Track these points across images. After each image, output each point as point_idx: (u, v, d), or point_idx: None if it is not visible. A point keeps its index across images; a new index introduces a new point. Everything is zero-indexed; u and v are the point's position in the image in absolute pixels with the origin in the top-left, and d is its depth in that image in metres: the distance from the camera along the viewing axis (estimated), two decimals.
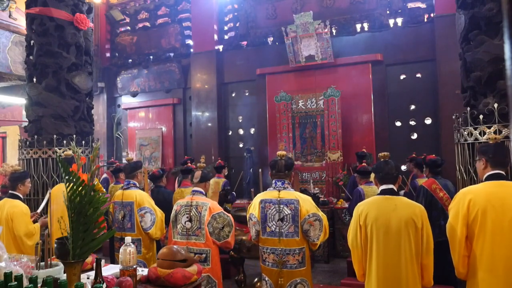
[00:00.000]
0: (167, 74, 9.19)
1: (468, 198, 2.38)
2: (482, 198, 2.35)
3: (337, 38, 7.46)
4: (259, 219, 2.95)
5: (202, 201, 3.29)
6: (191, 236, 3.22)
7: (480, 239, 2.32)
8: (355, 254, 2.56)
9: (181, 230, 3.25)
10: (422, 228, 2.38)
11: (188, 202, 3.29)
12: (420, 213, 2.41)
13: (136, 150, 9.55)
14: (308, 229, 2.85)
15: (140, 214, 3.67)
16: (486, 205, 2.31)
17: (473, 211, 2.33)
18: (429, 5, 7.10)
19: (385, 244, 2.40)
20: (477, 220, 2.32)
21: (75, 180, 1.74)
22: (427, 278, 2.43)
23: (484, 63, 3.68)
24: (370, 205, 2.53)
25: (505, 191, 2.36)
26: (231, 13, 8.91)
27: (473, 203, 2.34)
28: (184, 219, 3.25)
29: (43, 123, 5.02)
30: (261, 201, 2.98)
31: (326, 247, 5.80)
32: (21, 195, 3.71)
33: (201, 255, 3.17)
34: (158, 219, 3.73)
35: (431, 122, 7.04)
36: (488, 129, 3.62)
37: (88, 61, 5.44)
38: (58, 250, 1.77)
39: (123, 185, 3.92)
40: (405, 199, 2.52)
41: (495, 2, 3.60)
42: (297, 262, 2.86)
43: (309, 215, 2.85)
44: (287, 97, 7.41)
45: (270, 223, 2.91)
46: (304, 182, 7.07)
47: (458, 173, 4.01)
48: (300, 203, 2.88)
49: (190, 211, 3.25)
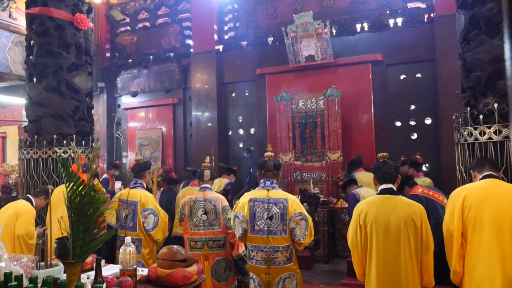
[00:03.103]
0: (167, 74, 9.19)
1: (463, 194, 2.49)
2: (476, 194, 2.44)
3: (337, 38, 7.45)
4: (247, 217, 3.01)
5: (214, 196, 3.63)
6: (208, 227, 3.52)
7: (476, 235, 2.36)
8: (355, 253, 2.57)
9: (198, 222, 3.53)
10: (421, 227, 2.39)
11: (201, 197, 3.58)
12: (420, 212, 2.42)
13: (136, 150, 9.55)
14: (294, 227, 2.93)
15: (144, 215, 3.68)
16: (481, 201, 2.40)
17: (468, 206, 2.41)
18: (429, 5, 7.10)
19: (385, 243, 2.41)
20: (472, 216, 2.39)
21: (75, 180, 1.74)
22: (427, 277, 2.43)
23: (484, 63, 3.68)
24: (369, 204, 2.54)
25: (499, 187, 2.47)
26: (231, 13, 8.90)
27: (468, 198, 2.44)
28: (200, 212, 3.53)
29: (43, 123, 5.02)
30: (250, 199, 3.03)
31: (326, 247, 5.80)
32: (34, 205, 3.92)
33: (219, 241, 3.50)
34: (161, 220, 3.73)
35: (431, 122, 7.03)
36: (488, 129, 3.62)
37: (88, 61, 5.43)
38: (58, 250, 1.78)
39: (130, 184, 3.95)
40: (404, 198, 2.54)
41: (495, 2, 3.59)
42: (285, 259, 2.95)
43: (295, 213, 2.94)
44: (287, 97, 7.41)
45: (258, 222, 2.99)
46: (304, 182, 7.06)
47: (458, 173, 4.01)
48: (288, 202, 2.98)
49: (205, 205, 3.55)
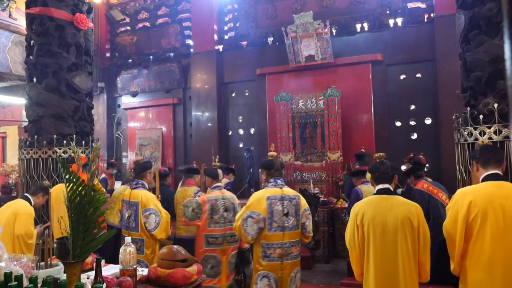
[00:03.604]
0: (167, 74, 9.19)
1: (468, 199, 2.35)
2: (482, 200, 2.33)
3: (337, 38, 7.46)
4: (266, 216, 3.04)
5: (230, 194, 3.91)
6: (227, 223, 3.73)
7: (479, 241, 2.30)
8: (353, 253, 2.58)
9: (219, 219, 3.73)
10: (418, 227, 2.40)
11: (220, 196, 3.82)
12: (416, 212, 2.43)
13: (136, 150, 9.55)
14: (305, 222, 3.15)
15: (145, 215, 3.68)
16: (486, 207, 2.29)
17: (473, 213, 2.31)
18: (429, 5, 7.10)
19: (382, 243, 2.42)
20: (477, 222, 2.30)
21: (75, 180, 1.74)
22: (424, 274, 2.46)
23: (484, 63, 3.68)
24: (366, 204, 2.55)
25: (505, 192, 2.35)
26: (231, 13, 8.91)
27: (474, 205, 2.32)
28: (222, 210, 3.76)
29: (43, 123, 5.01)
30: (268, 197, 3.08)
31: (326, 247, 5.79)
32: (33, 203, 3.86)
33: (235, 236, 3.63)
34: (163, 220, 3.73)
35: (431, 122, 7.03)
36: (488, 129, 3.62)
37: (88, 61, 5.43)
38: (58, 250, 1.78)
39: (132, 185, 3.97)
40: (401, 198, 2.55)
41: (495, 2, 3.59)
42: (298, 253, 3.13)
43: (305, 209, 3.18)
44: (287, 97, 7.41)
45: (276, 218, 3.06)
46: (304, 182, 7.07)
47: (458, 173, 4.01)
48: (300, 198, 3.18)
49: (225, 203, 3.79)
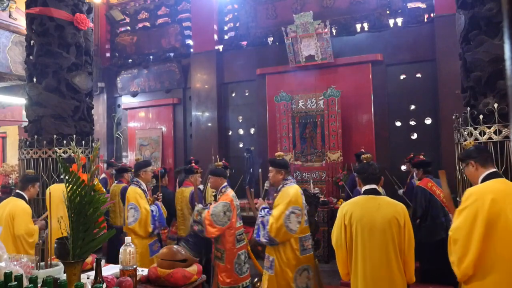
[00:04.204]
0: (167, 74, 9.19)
1: (489, 197, 2.23)
2: (501, 197, 2.24)
3: (337, 38, 7.45)
4: (303, 209, 3.23)
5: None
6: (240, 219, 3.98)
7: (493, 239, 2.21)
8: (339, 253, 2.62)
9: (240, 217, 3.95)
10: (404, 226, 2.45)
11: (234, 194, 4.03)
12: (403, 212, 2.48)
13: (136, 150, 9.55)
14: None
15: (127, 209, 3.81)
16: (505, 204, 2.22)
17: (495, 211, 2.21)
18: (429, 5, 7.09)
19: (370, 243, 2.45)
20: (494, 220, 2.21)
21: (75, 180, 1.74)
22: (409, 274, 2.50)
23: (484, 63, 3.68)
24: (354, 205, 2.59)
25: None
26: (231, 13, 8.90)
27: (494, 203, 2.22)
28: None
29: (43, 123, 5.02)
30: (302, 192, 3.32)
31: (326, 247, 5.79)
32: (27, 197, 3.77)
33: None
34: (142, 216, 3.74)
35: (431, 122, 7.03)
36: (488, 129, 3.62)
37: (88, 61, 5.44)
38: (58, 250, 1.78)
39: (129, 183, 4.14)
40: (387, 198, 2.60)
41: (495, 2, 3.59)
42: None
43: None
44: (287, 97, 7.40)
45: (305, 211, 3.29)
46: (304, 182, 7.06)
47: (458, 173, 4.00)
48: None
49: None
